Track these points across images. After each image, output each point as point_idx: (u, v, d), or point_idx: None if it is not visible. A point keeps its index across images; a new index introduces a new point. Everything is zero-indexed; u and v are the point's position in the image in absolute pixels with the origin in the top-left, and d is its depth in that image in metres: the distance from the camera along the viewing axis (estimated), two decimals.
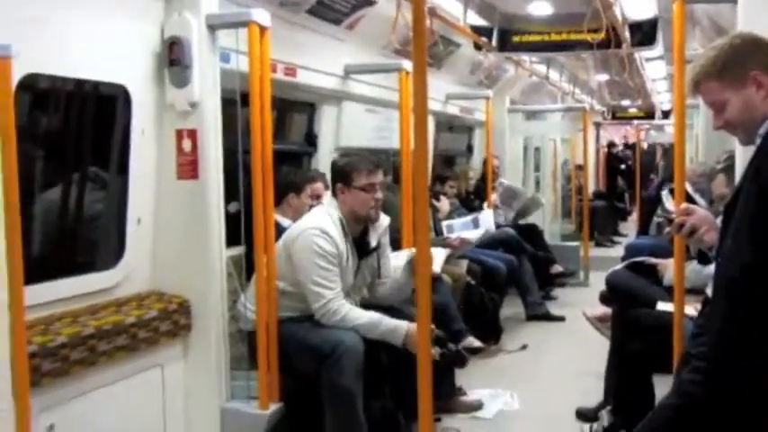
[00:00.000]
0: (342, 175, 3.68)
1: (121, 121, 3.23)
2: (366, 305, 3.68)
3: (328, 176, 4.73)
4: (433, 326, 3.32)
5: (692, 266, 3.30)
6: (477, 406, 4.47)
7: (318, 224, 3.56)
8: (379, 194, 3.68)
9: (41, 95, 2.97)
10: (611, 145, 15.79)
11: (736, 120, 2.24)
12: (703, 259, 2.86)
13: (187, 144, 3.36)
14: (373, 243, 3.76)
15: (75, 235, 3.25)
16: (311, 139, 5.05)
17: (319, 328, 3.47)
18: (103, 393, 2.97)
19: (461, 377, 4.69)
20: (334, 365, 3.32)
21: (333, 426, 3.39)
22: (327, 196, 3.85)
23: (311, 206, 4.29)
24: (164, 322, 3.22)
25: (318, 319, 3.48)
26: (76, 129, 3.14)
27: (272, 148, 3.43)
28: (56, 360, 2.68)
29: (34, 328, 2.68)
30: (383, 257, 3.84)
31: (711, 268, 2.43)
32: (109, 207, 3.32)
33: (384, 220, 3.81)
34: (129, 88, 3.19)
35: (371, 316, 3.51)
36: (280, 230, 3.68)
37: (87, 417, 2.89)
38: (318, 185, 4.51)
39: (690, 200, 2.93)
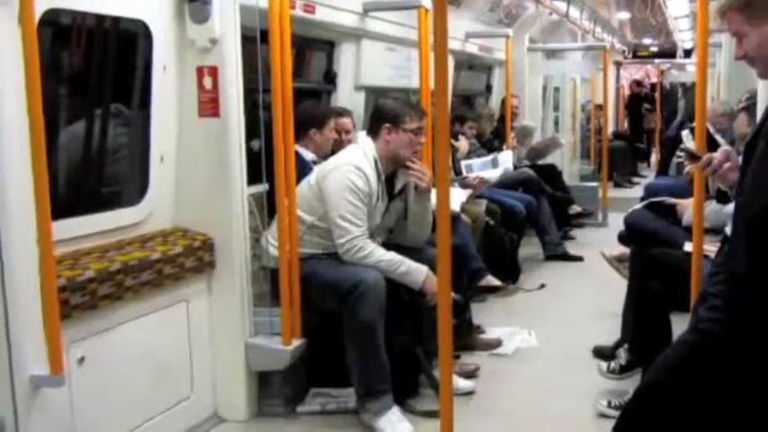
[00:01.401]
0: (392, 117, 3.69)
1: (143, 57, 3.22)
2: (388, 245, 3.70)
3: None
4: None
5: (712, 206, 3.30)
6: (496, 343, 4.52)
7: (354, 161, 3.59)
8: (423, 140, 3.77)
9: (63, 31, 2.95)
10: (638, 84, 15.48)
11: (753, 53, 2.23)
12: (722, 199, 2.86)
13: (208, 81, 3.36)
14: (398, 186, 3.79)
15: (100, 171, 3.26)
16: (330, 78, 5.03)
17: (342, 266, 3.50)
18: (131, 327, 3.02)
19: (480, 315, 4.75)
20: (356, 302, 3.36)
21: (354, 361, 3.45)
22: (361, 136, 3.85)
23: (337, 140, 4.29)
24: (188, 258, 3.26)
25: (342, 255, 3.51)
26: (99, 65, 3.13)
27: (291, 86, 3.41)
28: (84, 294, 2.73)
29: (63, 263, 2.72)
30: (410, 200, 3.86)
31: (731, 208, 2.43)
32: (133, 143, 3.33)
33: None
34: (149, 24, 3.17)
35: (393, 256, 3.54)
36: (302, 163, 3.68)
37: (116, 350, 2.95)
38: (347, 120, 4.51)
39: (711, 140, 2.90)
